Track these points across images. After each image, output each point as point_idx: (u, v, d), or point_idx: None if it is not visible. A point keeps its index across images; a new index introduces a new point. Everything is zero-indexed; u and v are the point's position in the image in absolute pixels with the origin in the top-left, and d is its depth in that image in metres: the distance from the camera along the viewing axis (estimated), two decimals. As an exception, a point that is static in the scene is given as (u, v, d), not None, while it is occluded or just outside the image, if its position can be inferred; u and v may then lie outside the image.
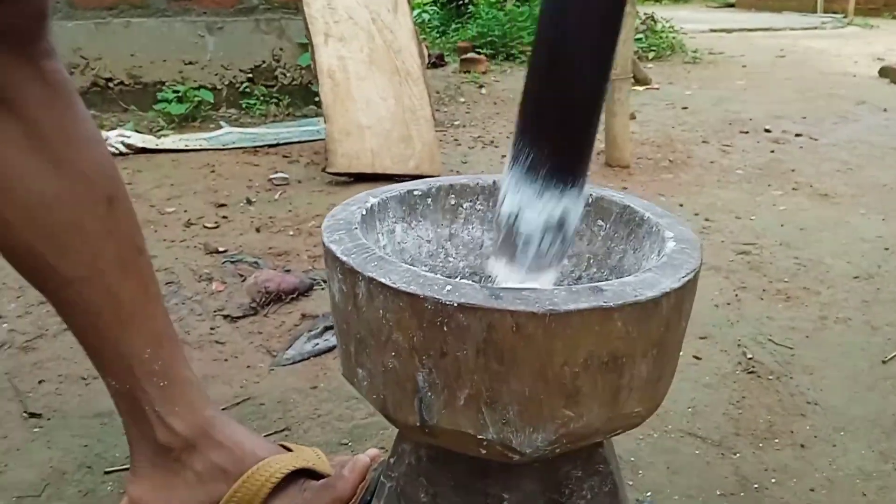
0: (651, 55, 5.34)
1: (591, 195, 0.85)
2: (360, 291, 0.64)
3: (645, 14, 6.05)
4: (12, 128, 0.73)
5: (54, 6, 0.70)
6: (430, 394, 0.62)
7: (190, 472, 0.87)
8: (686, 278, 0.62)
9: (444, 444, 0.66)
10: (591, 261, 0.86)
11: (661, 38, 5.71)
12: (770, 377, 1.25)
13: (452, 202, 0.89)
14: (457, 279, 0.89)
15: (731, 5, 11.67)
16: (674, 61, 5.21)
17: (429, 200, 0.88)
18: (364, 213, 0.79)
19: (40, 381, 1.23)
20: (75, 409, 1.16)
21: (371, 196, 0.83)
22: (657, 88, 4.08)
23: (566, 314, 0.56)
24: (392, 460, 0.82)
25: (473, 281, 0.90)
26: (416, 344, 0.60)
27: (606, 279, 0.83)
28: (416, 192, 0.87)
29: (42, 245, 0.76)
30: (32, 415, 1.14)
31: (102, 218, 0.78)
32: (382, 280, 0.61)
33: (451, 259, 0.90)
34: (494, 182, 0.89)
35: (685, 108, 3.57)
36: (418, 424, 0.64)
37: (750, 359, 1.30)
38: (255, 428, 1.10)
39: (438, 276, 0.62)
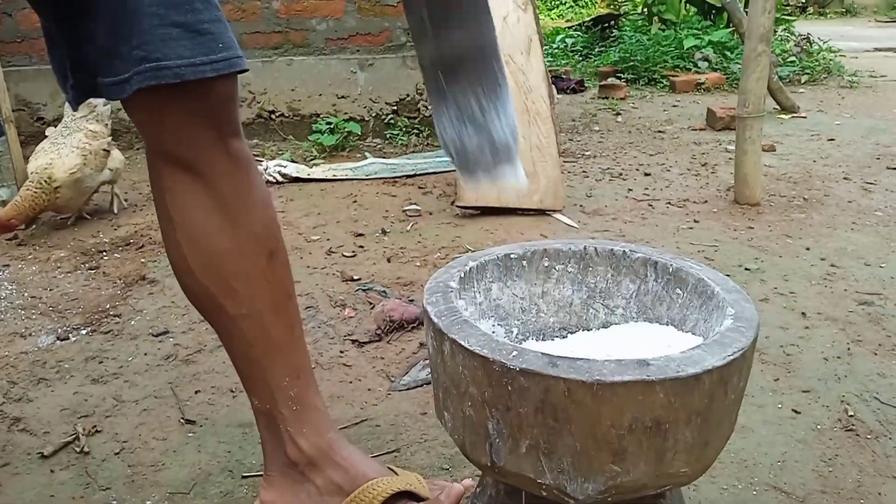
0: (804, 79, 5.13)
1: (670, 265, 0.93)
2: (446, 349, 0.76)
3: (799, 35, 5.80)
4: (201, 193, 0.92)
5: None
6: (498, 440, 0.73)
7: (311, 486, 1.03)
8: (731, 357, 0.70)
9: (512, 483, 0.77)
10: (669, 325, 0.94)
11: (816, 60, 5.46)
12: (868, 436, 1.25)
13: (546, 264, 1.00)
14: (541, 336, 0.99)
15: (904, 20, 10.83)
16: (828, 85, 4.97)
17: (524, 262, 0.99)
18: (462, 275, 0.91)
19: (197, 391, 1.45)
20: (223, 418, 1.36)
21: (471, 260, 0.95)
22: (804, 117, 3.94)
23: (611, 384, 0.65)
24: (478, 490, 0.94)
25: (562, 335, 1.01)
26: (486, 398, 0.72)
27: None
28: (512, 256, 0.98)
29: (215, 287, 0.94)
30: (188, 421, 1.35)
31: (263, 269, 0.96)
32: (462, 342, 0.73)
33: (542, 314, 1.01)
34: (586, 247, 0.99)
35: (831, 139, 3.43)
36: (489, 465, 0.75)
37: (851, 416, 1.30)
38: (369, 448, 1.25)
39: (509, 342, 0.73)
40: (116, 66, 0.82)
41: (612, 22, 6.64)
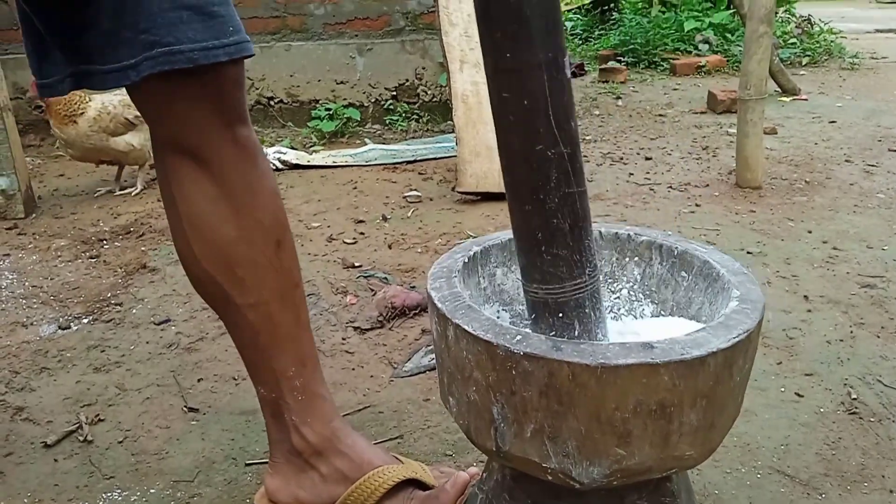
0: (805, 61, 5.10)
1: (675, 248, 0.92)
2: (450, 334, 0.76)
3: (801, 16, 5.77)
4: (206, 181, 0.91)
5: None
6: (503, 425, 0.73)
7: (316, 474, 1.02)
8: (736, 339, 0.69)
9: (517, 468, 0.77)
10: (674, 308, 0.93)
11: (817, 42, 5.43)
12: (871, 419, 1.25)
13: (550, 248, 0.98)
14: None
15: (905, 1, 10.74)
16: (829, 67, 4.95)
17: (528, 246, 0.98)
18: (466, 260, 0.91)
19: (199, 380, 1.45)
20: (226, 406, 1.36)
21: (475, 244, 0.94)
22: (805, 99, 3.92)
23: (615, 367, 0.65)
24: (484, 475, 0.94)
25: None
26: (491, 382, 0.72)
27: (685, 327, 0.90)
28: (516, 240, 0.97)
29: (221, 276, 0.94)
30: (191, 409, 1.35)
31: (270, 257, 0.95)
32: (465, 327, 0.73)
33: (545, 298, 1.00)
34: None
35: (833, 121, 3.42)
36: (494, 449, 0.75)
37: (854, 399, 1.30)
38: (372, 434, 1.25)
39: (513, 326, 0.72)
40: (121, 52, 0.80)
41: (612, 4, 6.60)
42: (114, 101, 2.53)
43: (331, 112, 3.36)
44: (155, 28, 0.79)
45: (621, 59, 5.22)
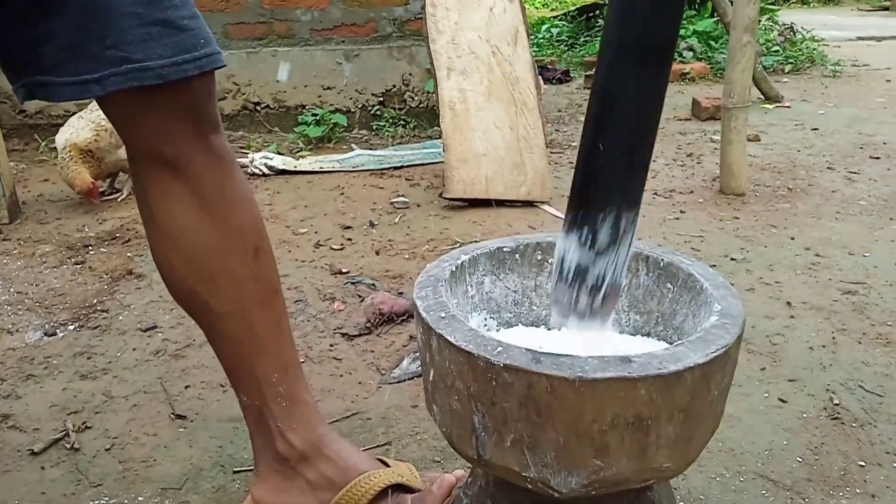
0: (788, 68, 5.14)
1: (661, 260, 0.93)
2: (434, 343, 0.77)
3: (783, 24, 5.82)
4: (181, 189, 0.91)
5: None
6: (483, 434, 0.74)
7: (302, 480, 1.03)
8: (714, 354, 0.70)
9: (498, 475, 0.78)
10: (659, 319, 0.95)
11: (799, 49, 5.48)
12: (854, 424, 1.27)
13: (539, 257, 1.00)
14: (536, 328, 1.00)
15: (886, 8, 10.84)
16: (812, 75, 4.99)
17: (517, 256, 0.99)
18: (454, 269, 0.92)
19: (187, 386, 1.45)
20: (214, 413, 1.36)
21: (463, 253, 0.95)
22: (788, 107, 3.96)
23: (593, 381, 0.66)
24: (469, 480, 0.95)
25: (552, 328, 1.01)
26: (472, 392, 0.73)
27: (669, 338, 0.92)
28: (505, 249, 0.99)
29: (199, 285, 0.94)
30: (178, 416, 1.35)
31: (249, 265, 0.96)
32: (448, 337, 0.74)
33: (534, 308, 1.01)
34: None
35: (815, 129, 3.45)
36: (475, 457, 0.76)
37: (836, 405, 1.32)
38: (361, 441, 1.26)
39: (495, 337, 0.74)
40: (82, 66, 0.80)
41: (597, 11, 6.63)
42: (101, 115, 2.50)
43: (317, 117, 3.37)
44: (125, 44, 0.79)
45: (608, 64, 5.24)
